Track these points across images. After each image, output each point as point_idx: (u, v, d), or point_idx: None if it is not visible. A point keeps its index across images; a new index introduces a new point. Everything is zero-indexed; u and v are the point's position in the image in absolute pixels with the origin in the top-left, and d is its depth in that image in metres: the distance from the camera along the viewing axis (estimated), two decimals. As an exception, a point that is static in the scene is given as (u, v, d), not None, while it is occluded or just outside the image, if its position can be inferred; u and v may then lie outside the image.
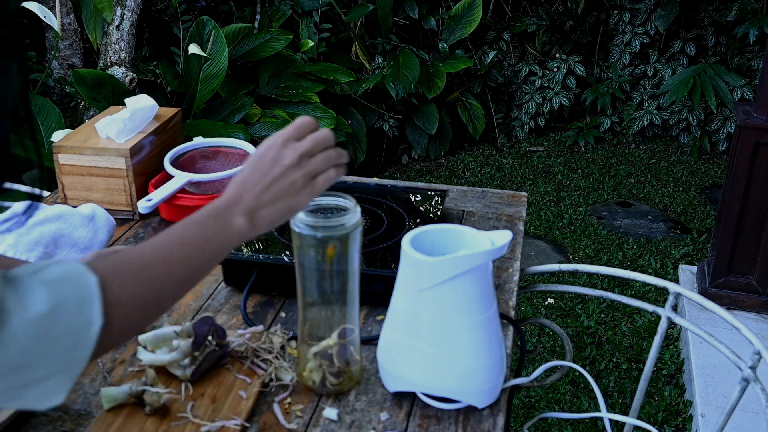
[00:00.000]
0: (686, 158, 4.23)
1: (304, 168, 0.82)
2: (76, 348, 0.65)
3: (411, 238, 0.94)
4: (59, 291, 0.65)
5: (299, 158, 0.81)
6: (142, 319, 0.73)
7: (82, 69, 2.93)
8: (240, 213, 0.79)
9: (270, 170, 0.81)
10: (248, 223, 0.79)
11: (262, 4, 4.01)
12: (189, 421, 0.92)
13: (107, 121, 1.45)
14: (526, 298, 2.89)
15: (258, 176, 0.81)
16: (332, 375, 0.97)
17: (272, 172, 0.81)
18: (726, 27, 4.16)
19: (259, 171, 0.81)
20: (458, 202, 1.55)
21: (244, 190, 0.80)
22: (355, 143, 4.03)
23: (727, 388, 2.23)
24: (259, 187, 0.80)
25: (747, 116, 2.47)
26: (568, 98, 4.44)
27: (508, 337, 1.11)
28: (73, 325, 0.65)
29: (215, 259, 0.78)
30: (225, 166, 1.53)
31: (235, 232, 0.78)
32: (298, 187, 0.81)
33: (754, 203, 2.53)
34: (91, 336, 0.66)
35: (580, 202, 3.73)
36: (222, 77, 3.12)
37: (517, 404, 2.33)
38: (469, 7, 4.27)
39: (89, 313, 0.66)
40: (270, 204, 0.80)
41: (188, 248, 0.76)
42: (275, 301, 1.20)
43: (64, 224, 1.25)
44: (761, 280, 2.59)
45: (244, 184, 0.81)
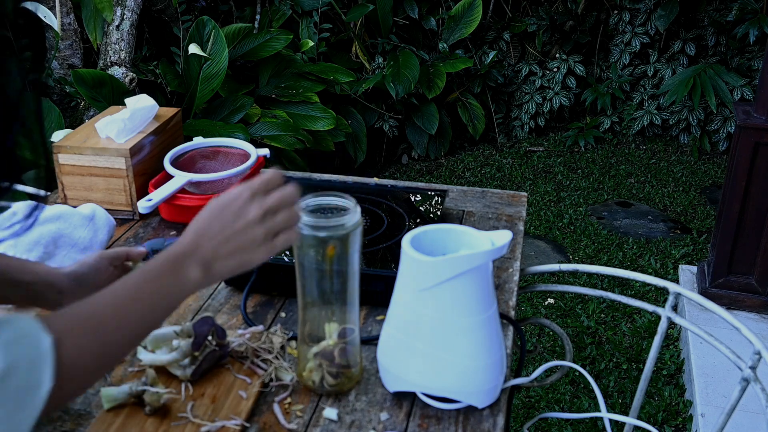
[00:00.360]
0: (686, 158, 4.23)
1: (266, 225, 0.81)
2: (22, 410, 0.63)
3: (411, 238, 0.94)
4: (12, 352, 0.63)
5: (264, 214, 0.81)
6: (92, 377, 0.72)
7: (82, 69, 2.93)
8: (196, 264, 0.78)
9: (232, 223, 0.80)
10: (203, 274, 0.78)
11: (262, 4, 4.01)
12: (189, 421, 0.92)
13: (107, 121, 1.45)
14: (526, 298, 2.89)
15: (219, 227, 0.80)
16: (332, 375, 0.97)
17: (234, 225, 0.80)
18: (726, 27, 4.16)
19: (221, 222, 0.80)
20: (458, 202, 1.55)
21: (203, 239, 0.79)
22: (355, 143, 4.03)
23: (727, 388, 2.23)
24: (219, 239, 0.79)
25: (747, 116, 2.47)
26: (568, 98, 4.44)
27: (508, 337, 1.11)
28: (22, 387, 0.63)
29: (168, 311, 0.78)
30: (225, 166, 1.53)
31: (189, 284, 0.78)
32: (258, 244, 0.80)
33: (754, 203, 2.53)
34: (39, 398, 0.64)
35: (580, 202, 3.73)
36: (222, 77, 3.12)
37: (517, 404, 2.33)
38: (469, 7, 4.27)
39: (40, 375, 0.64)
40: (227, 257, 0.79)
41: (142, 303, 0.75)
42: (275, 301, 1.20)
43: (64, 224, 1.25)
44: (761, 280, 2.59)
45: (203, 233, 0.80)
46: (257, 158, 1.51)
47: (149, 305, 0.75)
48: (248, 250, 0.80)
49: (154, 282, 0.76)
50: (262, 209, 0.81)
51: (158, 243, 1.30)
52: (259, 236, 0.80)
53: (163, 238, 1.36)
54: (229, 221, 0.80)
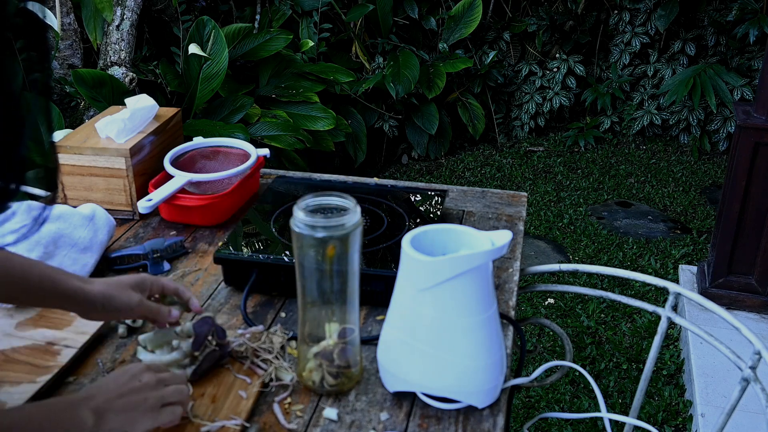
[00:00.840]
0: (686, 158, 4.23)
1: (158, 392, 0.87)
2: None
3: (411, 238, 0.94)
4: None
5: (157, 382, 0.88)
6: None
7: (82, 69, 2.93)
8: (89, 409, 0.81)
9: (128, 382, 0.86)
10: (94, 420, 0.81)
11: (262, 4, 4.01)
12: (189, 421, 0.92)
13: (107, 121, 1.45)
14: (526, 298, 2.89)
15: (114, 384, 0.85)
16: (332, 375, 0.97)
17: (130, 384, 0.86)
18: (726, 27, 4.16)
19: (117, 381, 0.86)
20: (458, 202, 1.55)
21: (99, 391, 0.84)
22: (355, 143, 4.03)
23: (727, 388, 2.23)
24: (113, 393, 0.84)
25: (747, 116, 2.47)
26: (568, 98, 4.44)
27: (508, 337, 1.11)
28: None
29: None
30: (225, 166, 1.53)
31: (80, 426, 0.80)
32: (148, 407, 0.85)
33: (754, 203, 2.53)
34: None
35: (580, 202, 3.73)
36: (222, 77, 3.12)
37: (517, 404, 2.33)
38: (469, 7, 4.27)
39: None
40: (118, 411, 0.83)
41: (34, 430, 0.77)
42: (275, 301, 1.20)
43: (64, 224, 1.25)
44: (761, 280, 2.59)
45: (99, 387, 0.85)
46: (257, 158, 1.51)
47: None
48: (138, 410, 0.84)
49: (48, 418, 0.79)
50: (156, 377, 0.88)
51: (158, 243, 1.30)
52: (150, 399, 0.86)
53: (163, 238, 1.36)
54: (125, 380, 0.86)
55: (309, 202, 0.94)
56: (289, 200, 1.40)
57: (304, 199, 0.94)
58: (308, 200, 0.94)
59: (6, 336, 1.07)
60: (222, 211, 1.44)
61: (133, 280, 1.01)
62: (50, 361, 1.01)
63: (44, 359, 1.02)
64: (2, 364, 1.01)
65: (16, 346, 1.05)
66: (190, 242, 1.38)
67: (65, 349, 1.03)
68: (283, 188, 1.47)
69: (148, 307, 1.00)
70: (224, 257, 1.21)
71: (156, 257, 1.28)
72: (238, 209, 1.50)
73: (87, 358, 1.05)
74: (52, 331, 1.08)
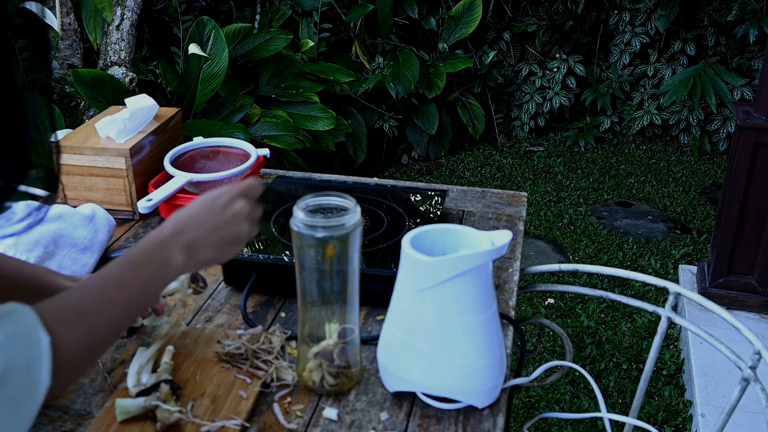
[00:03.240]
0: (686, 158, 4.23)
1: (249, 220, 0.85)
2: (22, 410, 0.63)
3: (411, 238, 0.94)
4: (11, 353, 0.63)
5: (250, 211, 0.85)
6: (82, 368, 0.73)
7: (82, 69, 2.93)
8: (178, 249, 0.79)
9: (221, 213, 0.83)
10: (185, 259, 0.79)
11: (262, 4, 4.01)
12: (189, 421, 0.92)
13: (107, 121, 1.45)
14: (526, 298, 2.89)
15: (206, 216, 0.82)
16: (332, 375, 0.97)
17: (224, 215, 0.82)
18: (726, 27, 4.16)
19: (210, 212, 0.82)
20: (458, 202, 1.55)
21: (187, 226, 0.81)
22: (355, 143, 4.03)
23: (727, 388, 2.23)
24: (205, 227, 0.81)
25: (747, 116, 2.47)
26: (568, 98, 4.44)
27: (508, 337, 1.11)
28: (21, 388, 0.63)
29: (152, 297, 0.79)
30: (225, 166, 1.53)
31: (171, 269, 0.78)
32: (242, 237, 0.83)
33: (754, 203, 2.53)
34: (38, 397, 0.64)
35: (580, 202, 3.73)
36: (222, 77, 3.12)
37: (517, 404, 2.33)
38: (469, 7, 4.27)
39: (38, 374, 0.64)
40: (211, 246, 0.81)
41: (126, 291, 0.76)
42: (275, 301, 1.20)
43: (64, 224, 1.25)
44: (761, 280, 2.59)
45: (187, 221, 0.81)
46: (257, 158, 1.51)
47: (133, 292, 0.76)
48: (232, 241, 0.82)
49: (138, 269, 0.77)
50: (248, 206, 0.84)
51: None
52: (244, 230, 0.83)
53: (163, 238, 1.36)
54: (218, 212, 0.82)
55: (309, 202, 0.94)
56: (289, 200, 1.40)
57: (304, 199, 0.94)
58: (308, 200, 0.94)
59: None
60: (222, 211, 1.44)
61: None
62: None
63: (44, 359, 1.01)
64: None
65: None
66: (190, 242, 1.38)
67: (65, 349, 1.03)
68: (283, 188, 1.47)
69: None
70: (224, 257, 1.21)
71: (156, 257, 1.28)
72: (238, 209, 1.50)
73: (87, 358, 1.05)
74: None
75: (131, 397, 0.95)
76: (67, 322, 0.70)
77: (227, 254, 0.83)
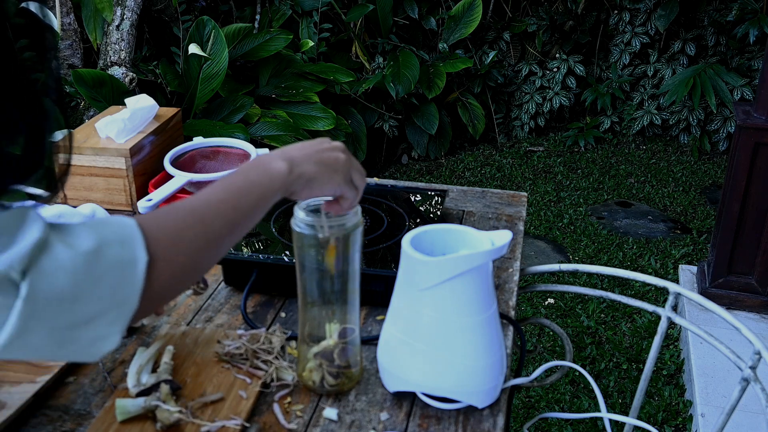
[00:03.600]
0: (686, 158, 4.23)
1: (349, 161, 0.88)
2: (124, 284, 0.65)
3: (411, 238, 0.94)
4: (101, 231, 0.66)
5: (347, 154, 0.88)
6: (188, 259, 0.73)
7: (82, 69, 2.93)
8: (281, 159, 0.83)
9: (320, 145, 0.87)
10: (288, 168, 0.82)
11: (262, 4, 4.01)
12: (189, 421, 0.92)
13: (107, 121, 1.45)
14: (526, 298, 2.89)
15: (309, 145, 0.87)
16: (332, 375, 0.97)
17: (322, 145, 0.87)
18: (726, 27, 4.16)
19: (309, 143, 0.87)
20: (458, 202, 1.55)
21: (293, 147, 0.86)
22: (355, 143, 4.03)
23: (727, 388, 2.23)
24: (306, 150, 0.85)
25: (747, 116, 2.47)
26: (568, 98, 4.44)
27: (508, 337, 1.11)
28: (118, 260, 0.65)
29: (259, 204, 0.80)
30: (225, 166, 1.53)
31: (276, 173, 0.81)
32: (339, 168, 0.86)
33: (754, 203, 2.53)
34: (138, 272, 0.66)
35: (580, 202, 3.73)
36: (222, 77, 3.12)
37: (517, 404, 2.33)
38: (469, 7, 4.27)
39: (132, 250, 0.67)
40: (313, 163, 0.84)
41: (233, 191, 0.78)
42: (275, 301, 1.20)
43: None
44: (761, 280, 2.59)
45: (293, 145, 0.87)
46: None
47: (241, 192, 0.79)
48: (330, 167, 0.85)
49: (243, 175, 0.80)
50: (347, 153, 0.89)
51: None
52: (342, 159, 0.86)
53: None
54: (317, 144, 0.87)
55: (309, 202, 0.94)
56: (289, 200, 1.40)
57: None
58: (309, 200, 0.94)
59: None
60: (222, 211, 1.44)
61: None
62: (50, 361, 1.01)
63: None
64: (2, 364, 1.01)
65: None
66: (190, 242, 1.38)
67: (65, 349, 1.03)
68: (283, 188, 1.47)
69: None
70: (224, 257, 1.21)
71: (156, 257, 1.28)
72: (238, 209, 1.50)
73: (87, 358, 1.05)
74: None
75: (131, 397, 0.95)
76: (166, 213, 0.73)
77: (327, 177, 0.85)
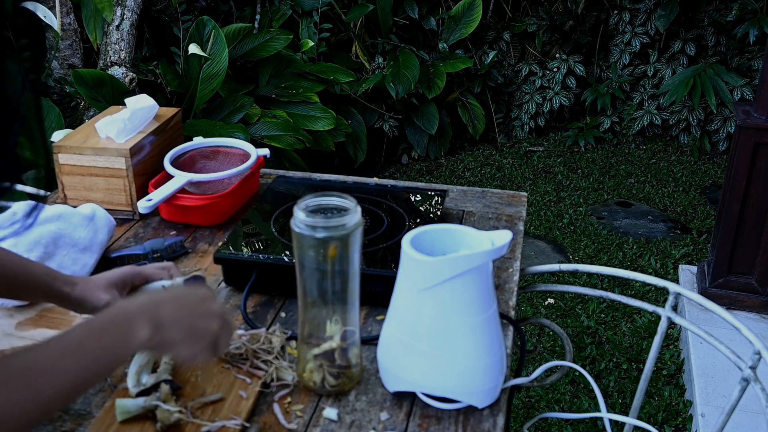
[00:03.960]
0: (686, 158, 4.23)
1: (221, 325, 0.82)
2: None
3: (411, 238, 0.94)
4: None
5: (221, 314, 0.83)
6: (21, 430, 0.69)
7: (82, 69, 2.93)
8: (146, 323, 0.76)
9: (196, 304, 0.81)
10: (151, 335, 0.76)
11: (262, 4, 4.01)
12: (189, 421, 0.92)
13: (107, 121, 1.45)
14: (526, 298, 2.89)
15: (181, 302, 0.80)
16: (333, 375, 0.97)
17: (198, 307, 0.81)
18: (726, 27, 4.16)
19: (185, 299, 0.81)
20: (458, 202, 1.55)
21: (162, 303, 0.79)
22: (355, 143, 4.03)
23: (727, 388, 2.23)
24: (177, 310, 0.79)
25: (747, 116, 2.47)
26: (568, 98, 4.44)
27: (508, 337, 1.11)
28: None
29: (111, 368, 0.75)
30: (225, 166, 1.53)
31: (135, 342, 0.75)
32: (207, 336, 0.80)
33: (754, 203, 2.53)
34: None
35: (580, 202, 3.73)
36: (222, 77, 3.12)
37: (517, 404, 2.33)
38: (469, 7, 4.27)
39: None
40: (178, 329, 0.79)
41: (84, 358, 0.72)
42: (275, 301, 1.20)
43: (64, 224, 1.25)
44: (761, 280, 2.59)
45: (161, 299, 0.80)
46: (257, 158, 1.51)
47: (90, 360, 0.73)
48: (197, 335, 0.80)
49: (98, 337, 0.74)
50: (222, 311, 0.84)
51: (158, 243, 1.30)
52: (212, 330, 0.81)
53: (163, 238, 1.36)
54: (193, 302, 0.81)
55: (309, 202, 0.94)
56: (289, 200, 1.40)
57: (304, 199, 0.94)
58: (308, 200, 0.94)
59: (6, 336, 1.07)
60: (222, 211, 1.44)
61: (114, 277, 1.02)
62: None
63: (44, 359, 1.02)
64: (2, 364, 1.01)
65: (16, 346, 1.05)
66: (190, 242, 1.38)
67: (65, 349, 1.03)
68: (283, 188, 1.47)
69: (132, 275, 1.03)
70: (224, 257, 1.21)
71: (156, 257, 1.28)
72: (238, 209, 1.50)
73: (87, 358, 1.05)
74: (52, 331, 1.08)
75: (131, 397, 0.95)
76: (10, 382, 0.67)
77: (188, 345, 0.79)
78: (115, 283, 1.02)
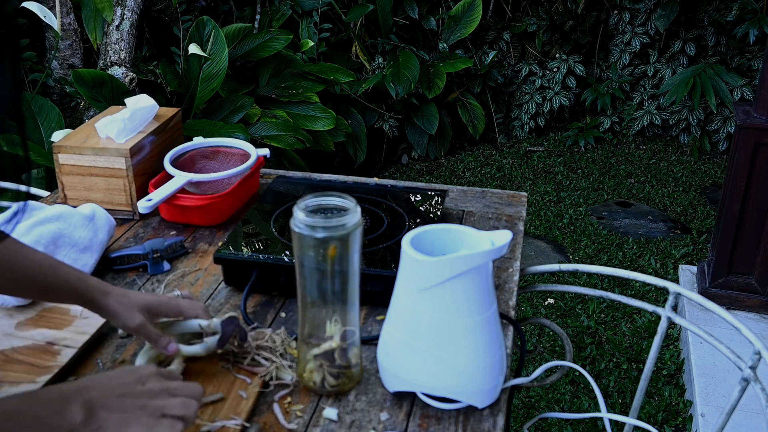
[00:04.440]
0: (686, 158, 4.23)
1: (160, 401, 0.80)
2: None
3: (411, 238, 0.94)
4: None
5: (162, 390, 0.81)
6: None
7: (82, 69, 2.93)
8: (80, 403, 0.75)
9: (130, 384, 0.80)
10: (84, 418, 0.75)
11: (262, 4, 4.01)
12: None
13: (107, 121, 1.45)
14: (526, 298, 2.89)
15: (116, 382, 0.79)
16: (333, 376, 0.97)
17: (132, 385, 0.80)
18: (726, 27, 4.16)
19: (119, 379, 0.80)
20: (458, 202, 1.55)
21: (96, 385, 0.78)
22: (355, 143, 4.03)
23: (727, 388, 2.23)
24: (111, 390, 0.78)
25: (747, 116, 2.47)
26: (568, 98, 4.44)
27: (508, 337, 1.11)
28: None
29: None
30: (225, 166, 1.53)
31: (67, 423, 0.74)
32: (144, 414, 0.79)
33: (754, 203, 2.53)
34: None
35: (580, 202, 3.73)
36: (222, 77, 3.12)
37: (517, 404, 2.33)
38: (469, 7, 4.27)
39: None
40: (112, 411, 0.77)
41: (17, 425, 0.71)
42: (275, 301, 1.20)
43: (64, 224, 1.25)
44: (761, 280, 2.59)
45: (98, 380, 0.79)
46: (257, 158, 1.51)
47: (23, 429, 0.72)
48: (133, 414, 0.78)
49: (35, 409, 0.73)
50: (161, 386, 0.81)
51: (158, 243, 1.30)
52: (149, 406, 0.79)
53: (163, 238, 1.36)
54: (128, 381, 0.80)
55: (309, 202, 0.94)
56: (289, 200, 1.40)
57: (304, 199, 0.94)
58: (308, 200, 0.94)
59: (6, 336, 1.07)
60: (222, 211, 1.44)
61: (149, 301, 0.99)
62: (50, 361, 1.01)
63: (44, 359, 1.02)
64: (2, 364, 1.01)
65: (16, 346, 1.05)
66: (190, 242, 1.38)
67: (65, 349, 1.03)
68: (283, 188, 1.47)
69: (147, 333, 0.98)
70: (224, 257, 1.21)
71: (156, 257, 1.28)
72: (238, 209, 1.50)
73: (87, 358, 1.05)
74: (52, 331, 1.08)
75: None
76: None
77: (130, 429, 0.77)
78: (150, 308, 0.99)
